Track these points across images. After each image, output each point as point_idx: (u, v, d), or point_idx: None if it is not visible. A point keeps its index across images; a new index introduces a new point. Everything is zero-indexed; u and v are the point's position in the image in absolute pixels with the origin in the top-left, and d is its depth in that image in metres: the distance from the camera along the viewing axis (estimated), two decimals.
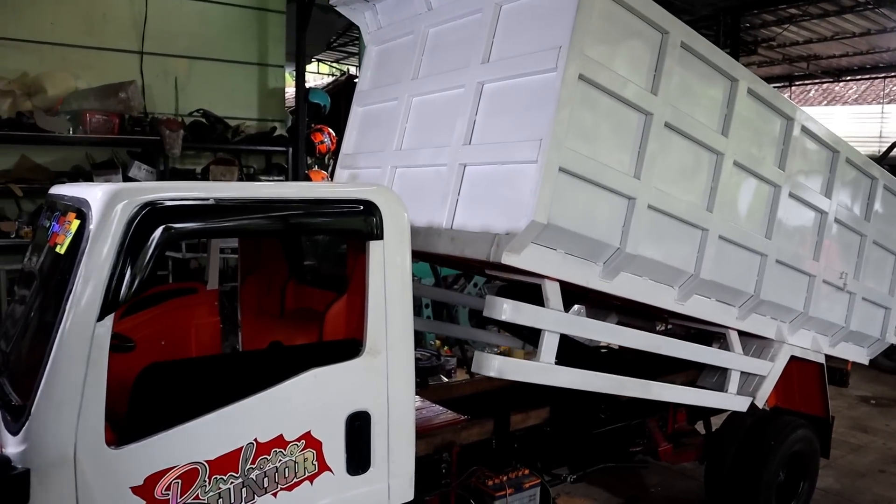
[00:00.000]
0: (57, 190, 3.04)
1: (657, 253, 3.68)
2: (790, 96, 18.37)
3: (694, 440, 5.13)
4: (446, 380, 7.54)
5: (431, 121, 3.86)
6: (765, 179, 4.22)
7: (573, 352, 3.74)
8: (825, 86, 18.38)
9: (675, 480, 5.82)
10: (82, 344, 2.22)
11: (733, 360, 4.45)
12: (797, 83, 17.58)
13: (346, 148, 4.60)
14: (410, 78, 4.04)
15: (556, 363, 3.39)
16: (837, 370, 5.59)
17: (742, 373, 4.54)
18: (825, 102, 18.88)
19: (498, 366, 3.24)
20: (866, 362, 5.64)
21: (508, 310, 3.21)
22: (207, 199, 2.46)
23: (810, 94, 19.19)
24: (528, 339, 4.26)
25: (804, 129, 4.40)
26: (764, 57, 14.74)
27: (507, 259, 3.07)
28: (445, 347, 8.21)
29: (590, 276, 3.50)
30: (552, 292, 3.35)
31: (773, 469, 4.79)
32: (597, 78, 3.20)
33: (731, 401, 4.50)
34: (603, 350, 5.37)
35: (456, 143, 3.54)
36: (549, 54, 3.14)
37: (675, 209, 3.71)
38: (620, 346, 5.61)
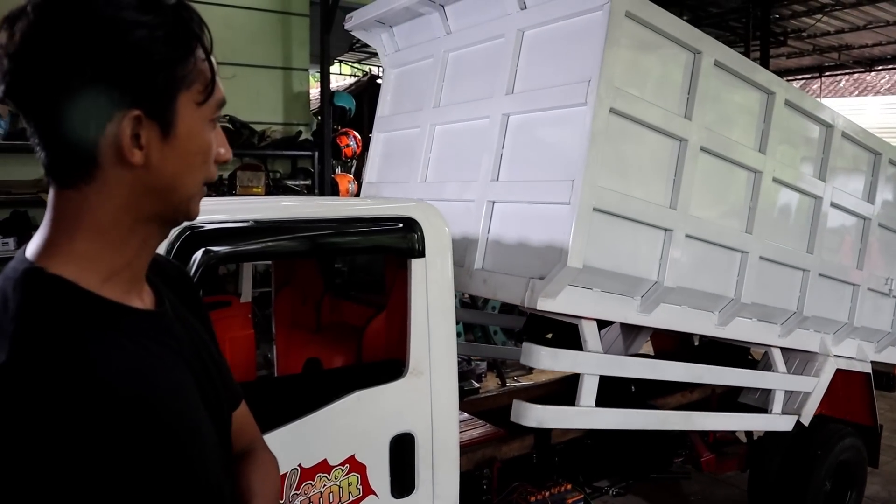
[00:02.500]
0: None
1: (696, 282, 3.55)
2: (820, 87, 18.05)
3: (736, 449, 5.01)
4: (476, 385, 7.48)
5: (456, 152, 3.75)
6: (805, 193, 4.09)
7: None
8: (856, 76, 18.01)
9: (714, 488, 5.70)
10: None
11: (777, 380, 4.31)
12: (827, 74, 17.25)
13: (369, 176, 4.53)
14: (432, 106, 3.93)
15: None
16: (884, 374, 5.44)
17: (786, 391, 4.42)
18: (856, 93, 18.51)
19: (538, 416, 3.17)
20: None
21: (547, 358, 3.14)
22: (248, 221, 2.41)
23: (841, 85, 18.82)
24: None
25: (844, 136, 4.24)
26: (794, 48, 14.46)
27: (543, 305, 2.98)
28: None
29: (628, 312, 3.39)
30: (590, 333, 3.24)
31: (820, 479, 4.66)
32: (628, 109, 3.06)
33: (776, 422, 4.36)
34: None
35: (483, 178, 3.42)
36: (578, 88, 2.99)
37: (713, 235, 3.57)
38: (656, 351, 5.54)
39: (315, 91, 10.65)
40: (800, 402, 4.43)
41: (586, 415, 3.28)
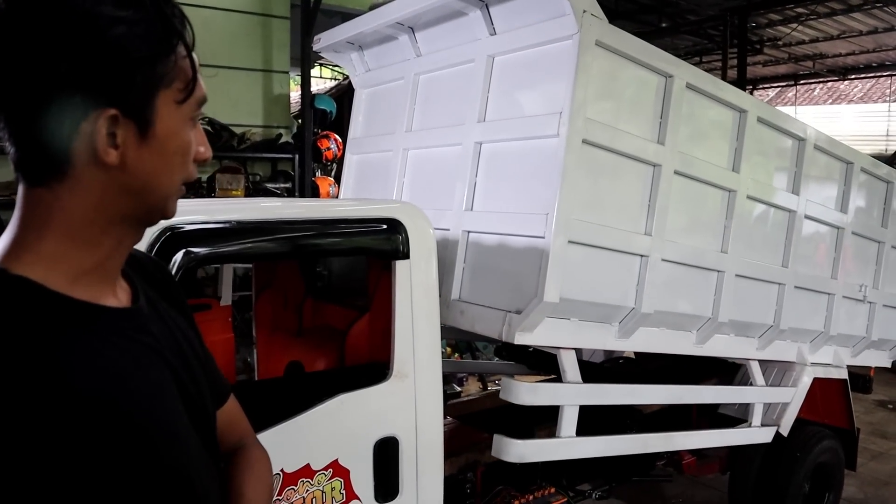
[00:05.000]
0: None
1: (673, 304, 3.57)
2: (795, 95, 18.31)
3: (717, 452, 5.03)
4: (458, 388, 7.46)
5: (430, 178, 3.73)
6: (779, 207, 4.13)
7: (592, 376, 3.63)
8: (830, 84, 18.30)
9: (695, 490, 5.73)
10: None
11: (756, 394, 4.36)
12: (802, 82, 17.50)
13: (344, 196, 4.51)
14: (404, 129, 3.89)
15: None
16: (860, 377, 5.49)
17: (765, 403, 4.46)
18: (830, 101, 18.80)
19: (519, 452, 3.15)
20: (889, 365, 5.57)
21: (526, 394, 3.13)
22: (229, 222, 2.37)
23: (815, 93, 19.10)
24: (548, 370, 4.20)
25: (817, 147, 4.28)
26: (769, 56, 14.67)
27: (521, 339, 2.97)
28: (456, 354, 8.11)
29: (606, 339, 3.40)
30: (569, 363, 3.24)
31: (800, 480, 4.71)
32: (601, 140, 3.05)
33: (756, 434, 4.40)
34: (621, 361, 5.28)
35: (457, 207, 3.39)
36: (550, 120, 2.97)
37: (689, 257, 3.59)
38: (637, 355, 5.56)
39: (295, 94, 10.60)
40: (778, 413, 4.47)
41: (568, 445, 3.28)
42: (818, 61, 15.19)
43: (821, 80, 17.32)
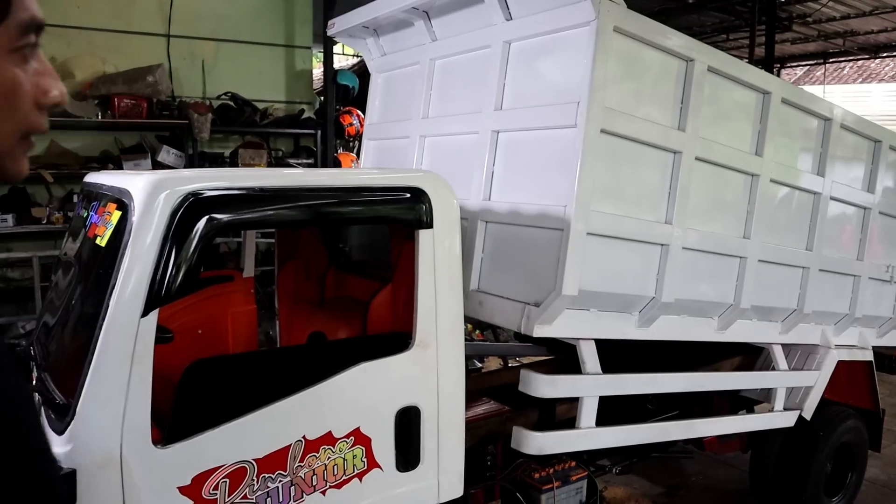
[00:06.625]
0: (93, 178, 2.96)
1: (694, 292, 3.52)
2: (824, 74, 17.93)
3: None
4: (479, 364, 7.47)
5: (447, 165, 3.67)
6: (804, 190, 4.05)
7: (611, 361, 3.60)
8: (860, 63, 17.89)
9: (716, 469, 5.70)
10: (127, 340, 2.13)
11: (779, 378, 4.30)
12: (832, 60, 17.12)
13: None
14: (421, 116, 3.86)
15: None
16: (886, 357, 5.41)
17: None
18: (860, 80, 18.40)
19: (538, 444, 3.15)
20: None
21: (545, 387, 3.12)
22: (252, 188, 2.36)
23: (845, 72, 18.70)
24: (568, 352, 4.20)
25: (843, 127, 4.18)
26: (798, 34, 14.33)
27: (539, 332, 2.95)
28: (477, 332, 8.11)
29: (626, 328, 3.37)
30: (588, 354, 3.22)
31: (822, 460, 4.66)
32: (620, 128, 3.00)
33: (779, 419, 4.36)
34: None
35: (475, 196, 3.35)
36: (568, 109, 2.91)
37: (710, 245, 3.53)
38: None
39: (318, 70, 10.57)
40: (802, 396, 4.42)
41: (587, 436, 3.28)
42: (849, 39, 14.82)
43: (851, 58, 16.93)
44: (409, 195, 2.65)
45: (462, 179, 3.44)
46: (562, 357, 4.43)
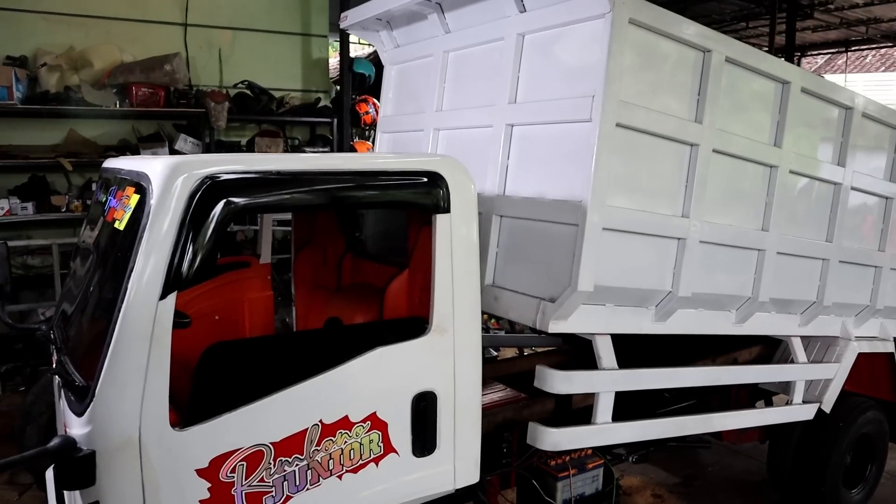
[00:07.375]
0: (112, 164, 2.97)
1: (712, 285, 3.48)
2: (846, 62, 17.67)
3: None
4: (494, 353, 7.47)
5: (460, 157, 3.65)
6: (824, 180, 3.98)
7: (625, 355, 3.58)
8: (884, 51, 17.61)
9: (733, 460, 5.66)
10: (145, 324, 2.14)
11: (798, 371, 4.25)
12: (854, 48, 16.86)
13: None
14: (435, 109, 3.83)
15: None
16: None
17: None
18: (883, 68, 18.12)
19: (553, 440, 3.13)
20: None
21: (560, 383, 3.11)
22: (269, 172, 2.35)
23: (867, 60, 18.42)
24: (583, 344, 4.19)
25: (865, 116, 4.10)
26: (820, 21, 14.11)
27: (555, 327, 2.93)
28: (493, 320, 8.10)
29: (642, 323, 3.34)
30: (604, 349, 3.20)
31: (841, 451, 4.61)
32: (636, 122, 2.96)
33: (798, 412, 4.32)
34: None
35: (490, 189, 3.33)
36: (582, 103, 2.88)
37: (728, 238, 3.49)
38: None
39: (334, 59, 10.55)
40: (821, 389, 4.37)
41: (603, 432, 3.25)
42: (872, 26, 14.57)
43: (873, 46, 16.66)
44: (426, 179, 2.63)
45: (476, 173, 3.40)
46: (577, 347, 4.41)
